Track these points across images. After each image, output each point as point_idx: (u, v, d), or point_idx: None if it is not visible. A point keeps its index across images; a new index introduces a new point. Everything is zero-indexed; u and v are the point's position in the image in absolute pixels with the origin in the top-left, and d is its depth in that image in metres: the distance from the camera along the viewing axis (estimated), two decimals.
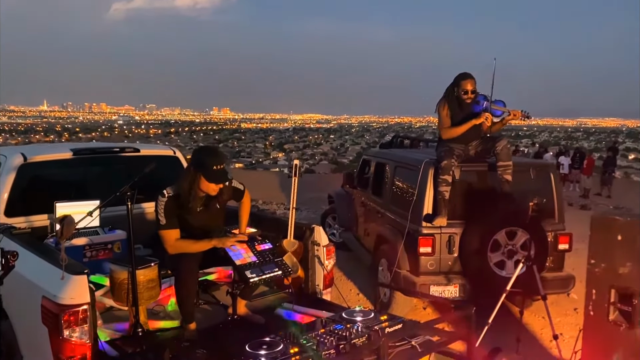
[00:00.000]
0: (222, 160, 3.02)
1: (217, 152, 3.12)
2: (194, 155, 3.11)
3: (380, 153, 6.53)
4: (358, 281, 6.11)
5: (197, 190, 3.03)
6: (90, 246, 3.76)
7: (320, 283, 3.72)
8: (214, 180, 2.99)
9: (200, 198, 3.11)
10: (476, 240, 4.51)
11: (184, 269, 2.96)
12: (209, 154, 3.04)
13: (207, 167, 2.96)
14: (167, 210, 3.02)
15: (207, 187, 3.02)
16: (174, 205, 3.04)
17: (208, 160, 2.97)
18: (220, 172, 2.99)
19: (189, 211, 3.09)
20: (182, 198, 3.05)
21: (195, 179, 3.01)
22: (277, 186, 15.68)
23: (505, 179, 4.61)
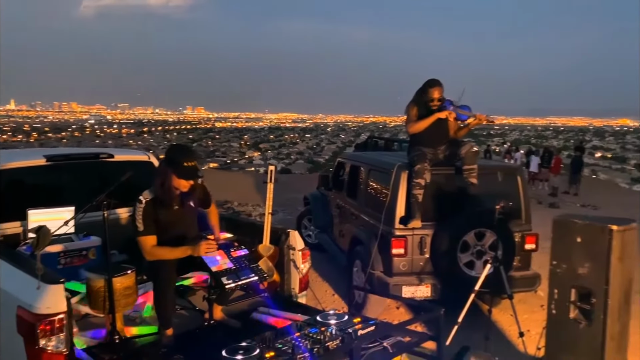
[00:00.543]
0: (192, 157, 3.13)
1: (188, 149, 3.25)
2: (166, 153, 3.20)
3: (355, 156, 6.65)
4: (333, 282, 6.21)
5: (170, 186, 3.11)
6: (64, 253, 3.75)
7: (296, 286, 3.79)
8: (184, 176, 3.08)
9: (175, 197, 3.19)
10: (446, 242, 4.65)
11: (162, 277, 3.01)
12: (180, 152, 3.18)
13: (178, 163, 3.07)
14: (145, 216, 3.09)
15: (178, 184, 3.11)
16: (152, 209, 3.12)
17: (179, 157, 3.09)
18: (191, 169, 3.08)
19: (165, 210, 3.17)
20: (158, 196, 3.13)
21: (167, 175, 3.10)
22: (253, 187, 15.66)
23: (471, 181, 4.78)
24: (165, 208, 3.17)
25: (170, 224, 3.21)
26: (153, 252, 3.10)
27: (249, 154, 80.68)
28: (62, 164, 4.29)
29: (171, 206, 3.20)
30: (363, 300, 5.13)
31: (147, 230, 3.10)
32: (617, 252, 2.83)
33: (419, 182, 4.67)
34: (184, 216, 3.28)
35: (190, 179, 3.12)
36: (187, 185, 3.14)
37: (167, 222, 3.20)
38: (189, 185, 3.15)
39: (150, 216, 3.11)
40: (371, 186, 5.54)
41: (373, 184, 5.51)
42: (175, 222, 3.23)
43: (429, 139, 4.92)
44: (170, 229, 3.21)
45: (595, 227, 2.91)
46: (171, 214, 3.21)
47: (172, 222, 3.21)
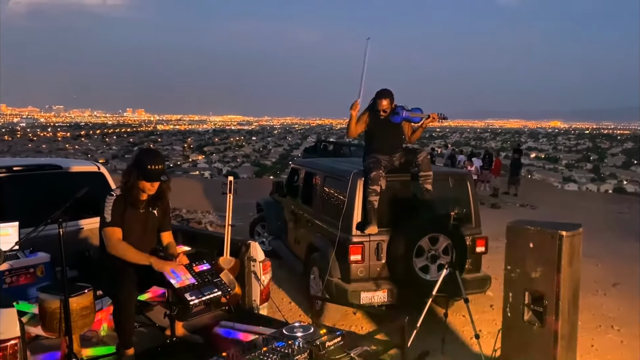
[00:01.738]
0: (158, 161, 3.21)
1: (155, 153, 3.34)
2: (135, 155, 3.31)
3: (310, 162, 6.66)
4: (289, 290, 6.20)
5: (133, 186, 3.19)
6: (10, 271, 3.54)
7: (257, 298, 3.77)
8: (147, 178, 3.16)
9: (142, 201, 3.26)
10: (402, 247, 4.75)
11: (123, 292, 2.92)
12: (146, 154, 3.28)
13: (143, 166, 3.15)
14: (114, 208, 3.16)
15: (143, 186, 3.20)
16: (121, 204, 3.19)
17: (145, 160, 3.18)
18: (155, 172, 3.17)
19: (131, 210, 3.23)
20: (126, 194, 3.20)
21: (132, 176, 3.18)
22: (201, 192, 15.38)
23: (426, 188, 4.91)
24: (131, 208, 3.22)
25: (133, 226, 3.23)
26: (118, 246, 3.12)
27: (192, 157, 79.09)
28: (5, 177, 4.05)
29: (137, 208, 3.25)
30: (321, 307, 5.16)
31: (114, 222, 3.15)
32: (567, 256, 3.01)
33: (375, 189, 4.76)
34: (147, 222, 3.32)
35: (153, 181, 3.19)
36: (151, 188, 3.20)
37: (130, 223, 3.22)
38: (153, 189, 3.21)
39: (119, 210, 3.16)
40: (327, 193, 5.58)
41: (329, 190, 5.55)
42: (137, 225, 3.26)
43: (383, 146, 5.03)
44: (132, 231, 3.22)
45: (546, 233, 3.08)
46: (136, 216, 3.25)
47: (134, 225, 3.24)
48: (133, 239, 3.21)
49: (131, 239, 3.20)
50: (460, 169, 13.97)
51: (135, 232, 3.23)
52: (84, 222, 4.33)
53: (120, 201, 3.19)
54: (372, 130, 5.10)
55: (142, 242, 3.22)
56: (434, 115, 5.09)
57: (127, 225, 3.20)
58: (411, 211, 4.93)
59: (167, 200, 3.43)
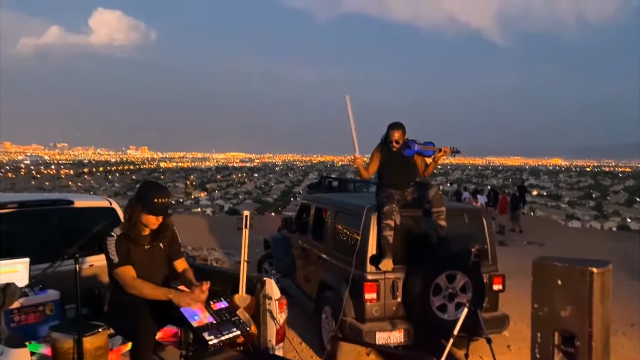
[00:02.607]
0: (163, 194, 3.11)
1: (159, 186, 3.22)
2: (138, 189, 3.18)
3: (320, 198, 6.59)
4: (299, 329, 6.01)
5: (137, 221, 3.07)
6: (19, 309, 3.43)
7: (273, 338, 3.63)
8: (152, 211, 3.06)
9: (145, 236, 3.15)
10: (418, 285, 4.63)
11: (142, 331, 2.81)
12: (151, 187, 3.16)
13: (147, 199, 3.04)
14: (118, 247, 3.03)
15: (147, 220, 3.08)
16: (124, 243, 3.06)
17: (149, 193, 3.07)
18: (160, 205, 3.06)
19: (135, 248, 3.11)
20: (128, 232, 3.08)
21: (135, 210, 3.07)
22: (205, 229, 15.24)
23: (440, 224, 4.83)
24: (134, 245, 3.10)
25: (140, 263, 3.10)
26: (135, 284, 2.99)
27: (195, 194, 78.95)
28: (16, 212, 3.99)
29: (141, 245, 3.13)
30: (333, 347, 4.98)
31: (123, 261, 3.02)
32: (598, 294, 2.90)
33: (389, 223, 4.67)
34: (154, 257, 3.21)
35: (159, 215, 3.09)
36: (155, 223, 3.10)
37: (136, 261, 3.09)
38: (157, 223, 3.11)
39: (123, 249, 3.04)
40: (339, 229, 5.49)
41: (341, 226, 5.46)
42: (144, 262, 3.14)
43: (395, 181, 4.99)
44: (140, 269, 3.09)
45: (576, 270, 2.98)
46: (141, 253, 3.13)
47: (141, 262, 3.12)
48: (143, 276, 3.09)
49: (141, 277, 3.08)
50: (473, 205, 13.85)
51: (144, 269, 3.11)
52: (93, 259, 4.24)
53: (122, 240, 3.07)
54: (384, 164, 5.07)
55: (153, 278, 3.10)
56: (445, 149, 5.07)
57: (135, 263, 3.08)
58: (426, 248, 4.83)
59: (171, 229, 3.32)
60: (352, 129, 4.89)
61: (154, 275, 3.15)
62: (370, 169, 5.10)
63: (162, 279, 3.23)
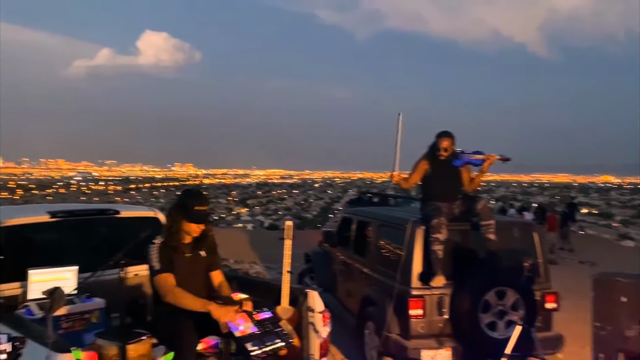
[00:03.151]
0: (203, 202, 3.12)
1: (200, 194, 3.21)
2: (179, 197, 3.19)
3: (363, 212, 6.49)
4: (342, 345, 5.88)
5: (179, 229, 3.08)
6: (66, 316, 3.48)
7: (316, 352, 3.53)
8: (193, 219, 3.06)
9: (186, 244, 3.15)
10: (466, 301, 4.45)
11: (184, 341, 2.77)
12: (191, 196, 3.15)
13: (188, 207, 3.06)
14: (161, 255, 3.04)
15: (189, 228, 3.09)
16: (166, 250, 3.07)
17: (189, 201, 3.08)
18: (201, 213, 3.07)
19: (176, 256, 3.11)
20: (169, 240, 3.09)
21: (177, 219, 3.09)
22: (246, 243, 15.33)
23: (489, 237, 4.64)
24: (176, 253, 3.10)
25: (181, 271, 3.09)
26: (175, 292, 2.99)
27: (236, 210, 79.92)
28: (66, 221, 4.08)
29: (182, 253, 3.13)
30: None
31: (165, 268, 3.02)
32: None
33: (438, 237, 4.52)
34: (195, 265, 3.20)
35: (199, 223, 3.09)
36: (197, 231, 3.11)
37: (177, 268, 3.08)
38: (199, 230, 3.11)
39: (166, 256, 3.05)
40: (383, 243, 5.36)
41: (384, 240, 5.34)
42: (185, 270, 3.12)
43: (443, 193, 4.84)
44: (181, 276, 3.08)
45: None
46: (182, 261, 3.12)
47: (182, 270, 3.10)
48: (183, 285, 3.07)
49: (181, 286, 3.07)
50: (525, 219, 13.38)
51: (185, 277, 3.09)
52: (137, 268, 4.26)
53: (165, 247, 3.08)
54: (431, 176, 4.94)
55: (193, 287, 3.07)
56: (490, 157, 4.89)
57: (176, 271, 3.08)
58: (475, 263, 4.65)
59: (212, 238, 3.31)
60: (398, 147, 4.80)
61: (195, 283, 3.13)
62: (411, 179, 4.97)
63: (203, 287, 3.20)
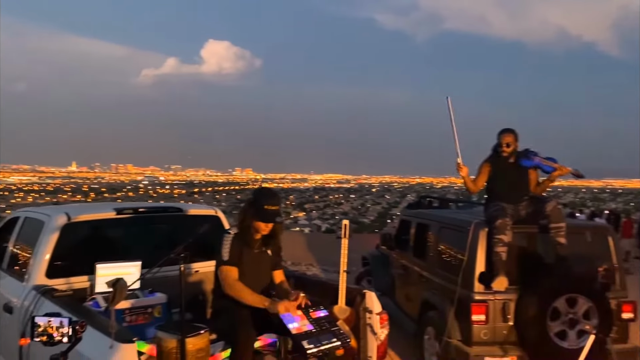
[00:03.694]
0: (275, 201, 3.14)
1: (272, 193, 3.23)
2: (252, 194, 3.25)
3: (423, 214, 6.34)
4: (400, 350, 5.74)
5: (249, 225, 3.14)
6: (130, 310, 3.59)
7: (373, 355, 3.45)
8: (262, 218, 3.10)
9: (256, 240, 3.20)
10: (534, 308, 4.22)
11: (242, 335, 2.79)
12: (264, 194, 3.19)
13: (259, 206, 3.10)
14: (232, 247, 3.11)
15: (257, 226, 3.14)
16: (238, 243, 3.13)
17: (262, 200, 3.12)
18: (271, 212, 3.10)
19: (246, 250, 3.17)
20: (242, 234, 3.15)
21: (247, 215, 3.14)
22: (304, 246, 15.43)
23: (559, 241, 4.38)
24: (247, 247, 3.16)
25: (247, 266, 3.14)
26: (235, 285, 3.04)
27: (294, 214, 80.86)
28: (131, 218, 4.22)
29: (252, 247, 3.18)
30: None
31: (231, 261, 3.09)
32: None
33: (501, 238, 4.31)
34: (261, 262, 3.24)
35: (268, 222, 3.12)
36: (265, 229, 3.14)
37: (245, 262, 3.14)
38: (267, 229, 3.14)
39: (236, 249, 3.11)
40: (443, 246, 5.20)
41: (446, 243, 5.17)
42: (252, 265, 3.17)
43: (508, 194, 4.62)
44: (247, 271, 3.13)
45: None
46: (251, 256, 3.17)
47: (248, 264, 3.15)
48: (248, 279, 3.12)
49: (246, 279, 3.12)
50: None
51: (250, 272, 3.15)
52: (198, 265, 4.36)
53: (237, 240, 3.15)
54: (495, 176, 4.73)
55: (257, 282, 3.12)
56: (564, 169, 4.59)
57: (243, 265, 3.13)
58: (543, 268, 4.40)
59: (279, 239, 3.35)
60: (454, 132, 4.64)
61: (259, 279, 3.18)
62: (478, 182, 4.79)
63: (265, 285, 3.22)
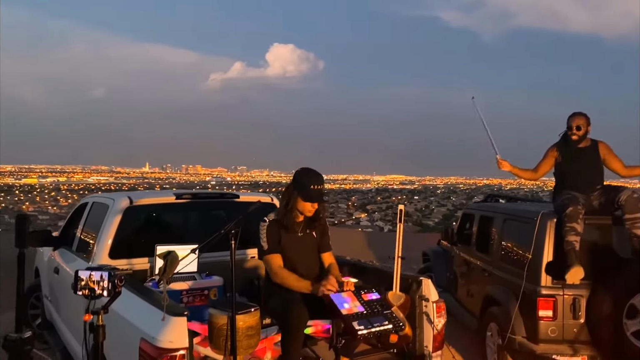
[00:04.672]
0: (319, 181, 3.04)
1: (315, 173, 3.12)
2: (295, 175, 3.14)
3: (486, 206, 6.06)
4: (461, 347, 5.50)
5: (293, 207, 3.04)
6: (187, 291, 3.66)
7: (430, 344, 3.31)
8: (308, 198, 3.00)
9: (298, 223, 3.11)
10: (608, 305, 3.90)
11: (293, 317, 2.75)
12: (307, 174, 3.09)
13: (304, 185, 3.00)
14: (269, 234, 3.04)
15: (303, 207, 3.04)
16: (276, 229, 3.06)
17: (305, 179, 3.03)
18: (316, 192, 3.00)
19: (288, 235, 3.09)
20: (282, 218, 3.07)
21: (292, 197, 3.04)
22: (363, 244, 15.30)
23: (635, 233, 4.03)
24: (287, 232, 3.08)
25: (291, 250, 3.08)
26: (281, 272, 2.99)
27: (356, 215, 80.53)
28: (190, 203, 4.32)
29: (294, 232, 3.11)
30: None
31: (273, 249, 3.02)
32: None
33: (574, 226, 4.00)
34: (305, 245, 3.16)
35: (314, 202, 3.03)
36: (311, 210, 3.05)
37: (288, 247, 3.07)
38: (313, 210, 3.06)
39: (275, 236, 3.04)
40: (508, 239, 4.93)
41: (511, 236, 4.90)
42: (296, 249, 3.10)
43: (579, 182, 4.32)
44: (290, 255, 3.07)
45: None
46: (293, 239, 3.10)
47: (292, 249, 3.09)
48: (294, 264, 3.06)
49: (292, 264, 3.06)
50: None
51: (295, 256, 3.08)
52: (253, 251, 4.40)
53: (274, 226, 3.07)
54: (563, 165, 4.44)
55: (303, 266, 3.05)
56: None
57: (286, 250, 3.07)
58: (618, 261, 4.07)
59: (324, 220, 3.27)
60: (487, 130, 4.42)
61: (304, 262, 3.10)
62: (540, 169, 4.50)
63: (312, 267, 3.15)
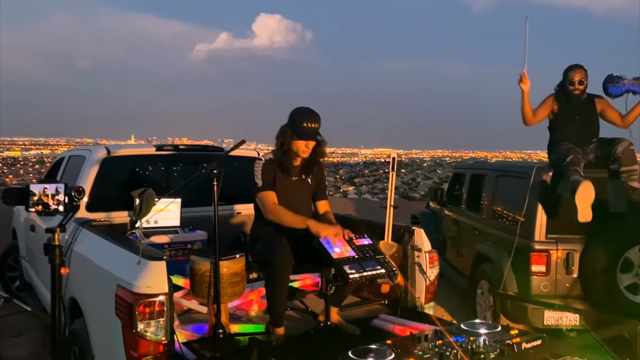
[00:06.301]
0: (314, 119, 2.89)
1: (310, 110, 2.97)
2: (290, 114, 2.98)
3: (477, 164, 5.96)
4: (451, 308, 5.46)
5: (289, 148, 2.92)
6: (169, 245, 3.51)
7: (422, 295, 3.21)
8: (302, 136, 2.87)
9: (295, 167, 2.99)
10: (602, 259, 3.83)
11: (278, 259, 2.59)
12: (302, 112, 2.94)
13: (297, 123, 2.87)
14: (265, 172, 2.92)
15: (297, 147, 2.91)
16: (272, 169, 2.93)
17: (299, 117, 2.89)
18: (309, 130, 2.87)
19: (282, 177, 2.97)
20: (276, 158, 2.96)
21: (286, 137, 2.91)
22: (350, 210, 15.26)
23: (632, 186, 3.95)
24: (282, 174, 2.95)
25: (284, 193, 2.94)
26: (275, 209, 2.86)
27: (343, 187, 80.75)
28: (171, 155, 4.13)
29: (290, 175, 2.97)
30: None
31: (267, 186, 2.90)
32: None
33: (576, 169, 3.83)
34: (299, 190, 3.02)
35: (307, 139, 2.88)
36: (305, 150, 2.91)
37: (282, 189, 2.93)
38: (308, 150, 2.91)
39: (270, 174, 2.91)
40: (501, 195, 4.82)
41: (504, 192, 4.79)
42: (289, 192, 2.96)
43: (575, 135, 4.19)
44: (283, 198, 2.93)
45: None
46: (287, 182, 2.96)
47: (285, 192, 2.94)
48: (286, 206, 2.90)
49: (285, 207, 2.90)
50: None
51: (288, 201, 2.93)
52: (241, 207, 4.25)
53: (270, 165, 2.94)
54: (560, 116, 4.30)
55: (295, 211, 2.88)
56: None
57: (279, 192, 2.92)
58: (613, 215, 3.98)
59: (322, 167, 3.11)
60: (526, 44, 4.12)
61: (297, 207, 2.94)
62: (538, 114, 4.30)
63: (305, 214, 2.99)
